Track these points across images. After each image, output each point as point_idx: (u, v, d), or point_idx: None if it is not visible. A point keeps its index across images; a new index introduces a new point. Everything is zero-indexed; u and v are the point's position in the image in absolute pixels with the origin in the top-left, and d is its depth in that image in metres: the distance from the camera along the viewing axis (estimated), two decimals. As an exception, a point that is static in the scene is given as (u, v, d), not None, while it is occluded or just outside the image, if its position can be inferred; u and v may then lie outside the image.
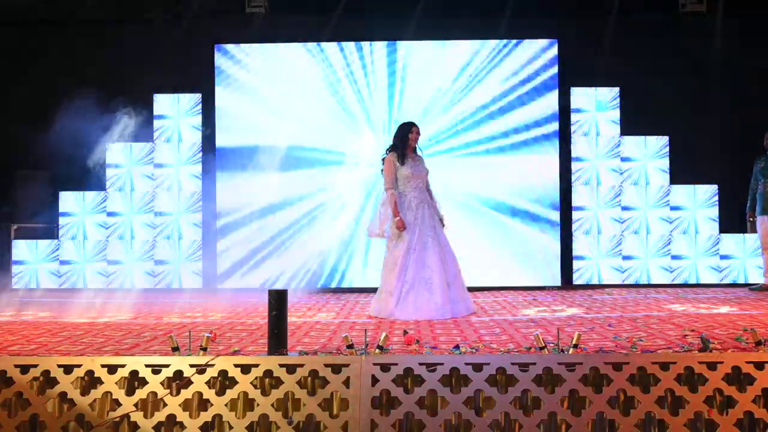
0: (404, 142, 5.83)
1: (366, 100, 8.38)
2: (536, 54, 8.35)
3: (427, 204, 5.79)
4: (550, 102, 8.32)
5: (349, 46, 8.41)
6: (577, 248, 8.26)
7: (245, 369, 3.44)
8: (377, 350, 3.57)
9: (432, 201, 5.88)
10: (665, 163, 8.30)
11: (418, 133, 5.87)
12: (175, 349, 3.61)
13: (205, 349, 3.61)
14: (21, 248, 8.44)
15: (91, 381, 3.45)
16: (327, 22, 8.47)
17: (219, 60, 8.50)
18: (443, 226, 5.85)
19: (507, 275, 8.20)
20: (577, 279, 8.25)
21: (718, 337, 4.10)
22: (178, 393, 3.40)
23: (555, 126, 8.30)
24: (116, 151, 8.52)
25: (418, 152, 5.95)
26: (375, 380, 3.39)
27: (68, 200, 8.48)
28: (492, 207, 8.26)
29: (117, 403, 3.40)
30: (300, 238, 8.29)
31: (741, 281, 8.07)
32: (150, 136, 8.51)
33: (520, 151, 8.29)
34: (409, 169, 5.77)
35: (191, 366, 3.45)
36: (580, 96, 8.38)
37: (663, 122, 8.33)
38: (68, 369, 3.46)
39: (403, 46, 8.39)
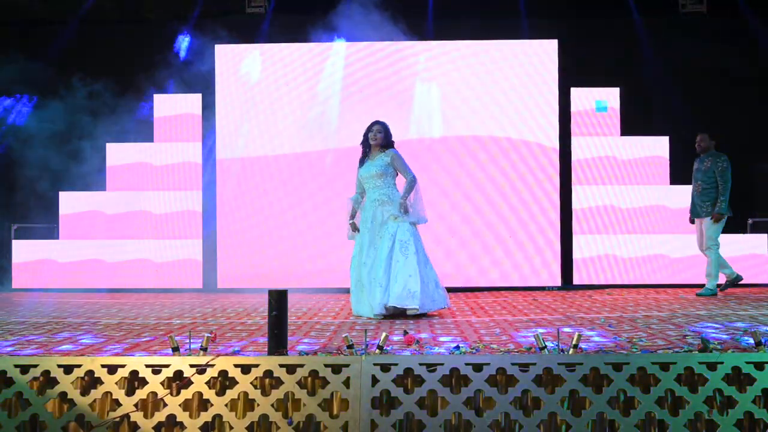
0: (365, 143, 5.77)
1: (367, 99, 8.38)
2: (536, 54, 8.36)
3: (379, 203, 5.61)
4: (550, 102, 8.32)
5: (350, 45, 8.42)
6: (577, 248, 8.26)
7: (245, 369, 3.44)
8: (377, 350, 3.57)
9: (389, 200, 5.58)
10: (665, 163, 8.30)
11: (379, 132, 5.67)
12: (175, 349, 3.60)
13: (205, 349, 3.60)
14: (21, 248, 8.45)
15: (91, 381, 3.45)
16: (328, 22, 8.47)
17: (219, 60, 8.50)
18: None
19: (507, 275, 8.21)
20: (577, 279, 8.25)
21: (718, 338, 4.09)
22: (178, 393, 3.40)
23: (555, 126, 8.30)
24: (116, 151, 8.53)
25: (380, 150, 5.66)
26: (375, 380, 3.39)
27: (68, 200, 8.48)
28: (492, 207, 8.26)
29: (117, 404, 3.39)
30: (301, 238, 8.29)
31: (741, 282, 8.04)
32: (150, 135, 8.51)
33: (519, 150, 8.30)
34: (361, 171, 5.74)
35: (191, 366, 3.44)
36: (580, 96, 8.38)
37: (663, 122, 8.33)
38: (68, 369, 3.45)
39: (403, 45, 8.39)
